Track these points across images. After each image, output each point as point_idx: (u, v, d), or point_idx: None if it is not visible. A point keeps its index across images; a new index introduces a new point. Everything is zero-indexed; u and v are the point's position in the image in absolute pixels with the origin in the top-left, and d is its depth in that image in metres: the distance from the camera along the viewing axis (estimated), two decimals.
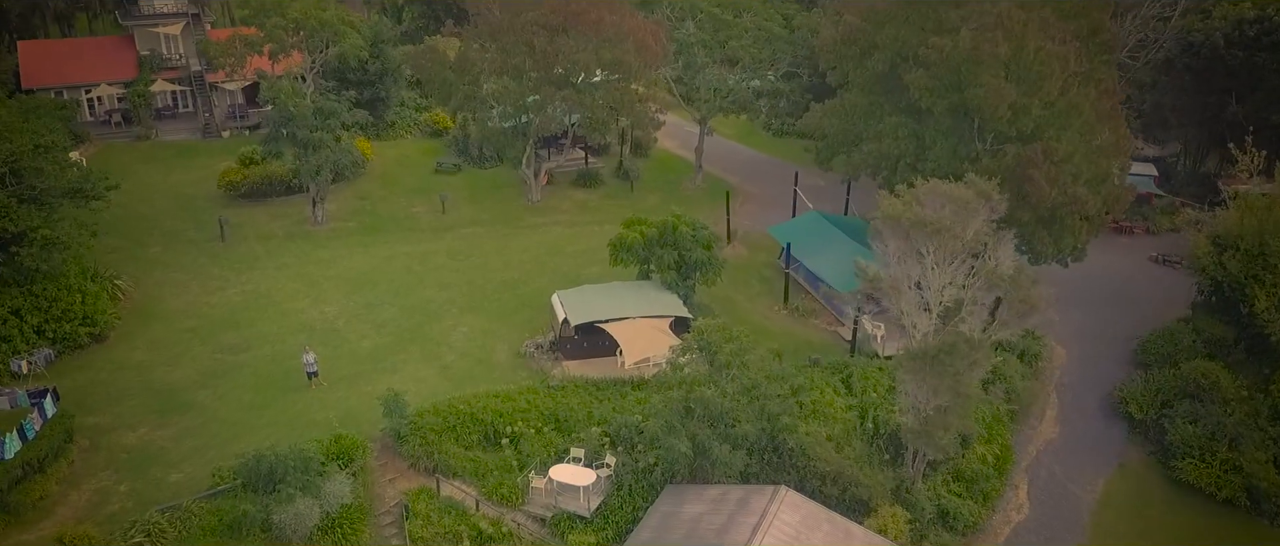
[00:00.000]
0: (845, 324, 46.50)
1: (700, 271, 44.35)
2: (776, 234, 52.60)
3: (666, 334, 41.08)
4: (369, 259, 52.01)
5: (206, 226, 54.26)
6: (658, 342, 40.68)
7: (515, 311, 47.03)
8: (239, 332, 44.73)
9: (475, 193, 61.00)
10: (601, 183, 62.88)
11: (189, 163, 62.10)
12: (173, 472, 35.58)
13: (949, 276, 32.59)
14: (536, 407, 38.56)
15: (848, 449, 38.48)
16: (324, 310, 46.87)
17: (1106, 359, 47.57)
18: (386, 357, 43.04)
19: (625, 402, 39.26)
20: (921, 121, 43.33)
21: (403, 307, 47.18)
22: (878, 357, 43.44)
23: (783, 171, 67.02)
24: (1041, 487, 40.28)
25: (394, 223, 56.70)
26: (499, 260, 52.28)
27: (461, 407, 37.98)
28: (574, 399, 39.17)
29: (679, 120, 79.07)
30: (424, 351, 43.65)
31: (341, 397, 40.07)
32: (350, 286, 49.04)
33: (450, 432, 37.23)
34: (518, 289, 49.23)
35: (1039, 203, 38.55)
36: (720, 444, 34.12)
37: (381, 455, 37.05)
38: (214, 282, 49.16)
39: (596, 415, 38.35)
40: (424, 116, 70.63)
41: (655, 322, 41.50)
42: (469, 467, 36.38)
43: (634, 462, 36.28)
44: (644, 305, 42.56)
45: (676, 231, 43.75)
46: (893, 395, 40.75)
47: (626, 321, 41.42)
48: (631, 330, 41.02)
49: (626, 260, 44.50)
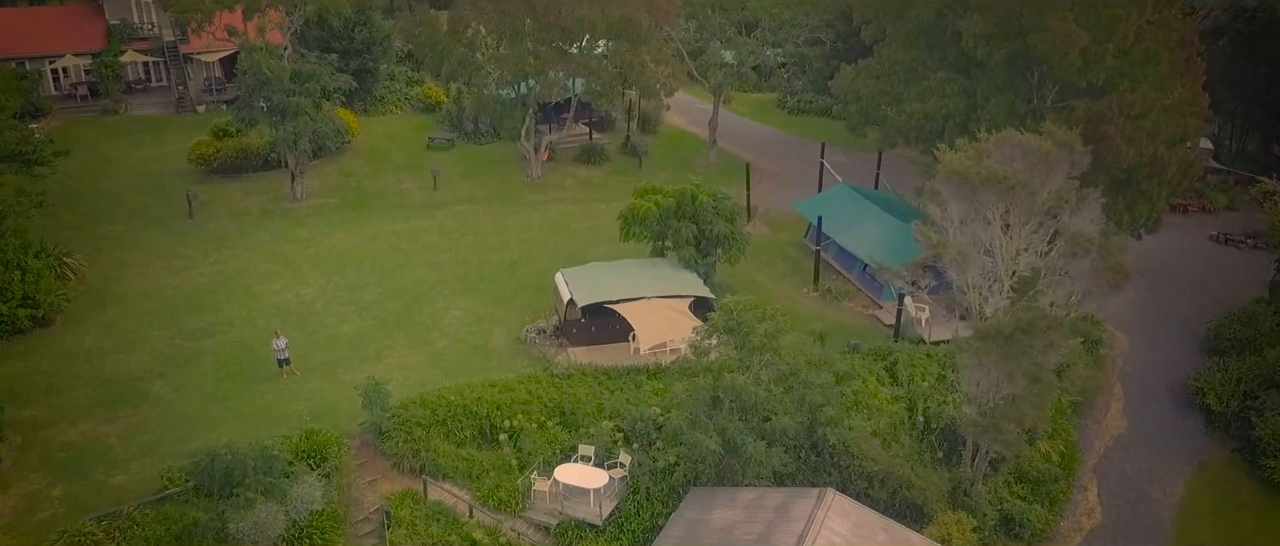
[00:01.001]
0: (884, 306, 41.61)
1: (722, 247, 39.44)
2: (803, 209, 47.72)
3: (686, 315, 36.17)
4: (352, 237, 47.10)
5: (173, 203, 49.30)
6: (676, 325, 35.77)
7: (514, 293, 42.14)
8: (203, 316, 39.79)
9: (470, 169, 56.10)
10: (607, 159, 57.99)
11: (159, 138, 57.11)
12: (117, 474, 30.62)
13: (1024, 241, 27.70)
14: (539, 399, 33.68)
15: (896, 445, 33.67)
16: (300, 292, 41.94)
17: (1172, 345, 42.70)
18: (369, 343, 38.13)
19: (640, 393, 34.39)
20: (972, 76, 38.45)
21: (388, 289, 42.27)
22: (924, 343, 38.53)
23: (802, 149, 62.37)
24: (1114, 489, 35.39)
25: (381, 199, 51.80)
26: (496, 239, 47.38)
27: (453, 399, 33.07)
28: (581, 389, 34.29)
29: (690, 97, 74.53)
30: (412, 337, 38.75)
31: (316, 388, 35.14)
32: (330, 266, 44.12)
33: (440, 427, 32.33)
34: (517, 269, 44.34)
35: (1115, 163, 33.74)
36: (754, 439, 29.24)
37: (361, 453, 32.13)
38: (178, 262, 44.21)
39: (607, 407, 33.49)
40: (416, 91, 65.74)
41: (673, 303, 36.58)
42: (461, 468, 31.49)
43: (652, 462, 31.42)
44: (660, 284, 37.66)
45: (696, 201, 38.83)
46: (944, 384, 35.90)
47: (640, 302, 36.49)
48: (646, 311, 36.10)
49: (639, 234, 39.59)
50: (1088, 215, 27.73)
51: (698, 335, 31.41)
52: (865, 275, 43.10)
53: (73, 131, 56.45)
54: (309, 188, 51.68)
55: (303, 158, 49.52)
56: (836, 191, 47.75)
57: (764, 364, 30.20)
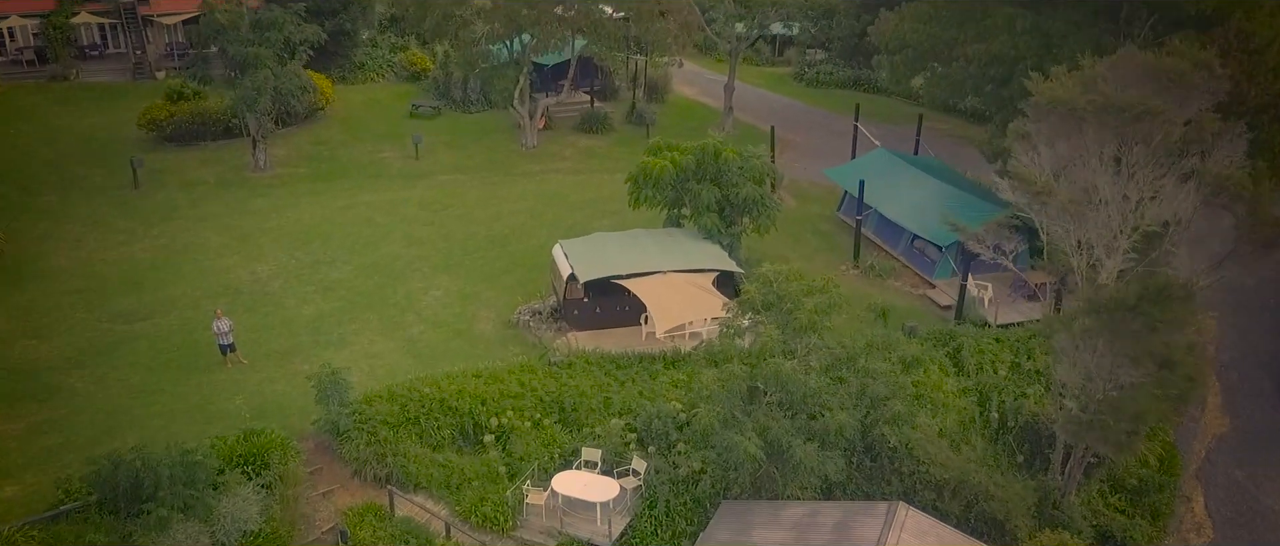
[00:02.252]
0: (937, 284, 35.67)
1: (750, 214, 33.47)
2: (837, 177, 41.78)
3: (710, 292, 30.24)
4: (320, 209, 41.12)
5: (118, 173, 43.29)
6: (698, 304, 29.85)
7: (505, 271, 36.21)
8: (140, 297, 33.82)
9: (458, 137, 50.14)
10: (611, 128, 52.02)
11: (111, 105, 50.99)
12: (8, 484, 24.63)
13: (1149, 187, 21.76)
14: (533, 392, 27.77)
15: (966, 447, 27.80)
16: (256, 269, 35.97)
17: (1273, 330, 36.77)
18: (333, 327, 32.20)
19: (656, 385, 28.46)
20: (1043, 11, 32.50)
21: (359, 266, 36.33)
22: (990, 326, 32.57)
23: (826, 120, 56.52)
24: (1222, 499, 29.46)
25: (356, 169, 45.83)
26: (485, 211, 41.43)
27: (428, 392, 27.12)
28: (585, 380, 28.37)
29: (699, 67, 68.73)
30: (384, 320, 32.82)
31: (266, 379, 29.24)
32: (293, 241, 38.15)
33: (411, 426, 26.40)
34: (508, 245, 38.39)
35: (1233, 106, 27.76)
36: (801, 440, 23.31)
37: (314, 458, 26.22)
38: (117, 236, 38.23)
39: (616, 402, 27.60)
40: (400, 57, 59.75)
41: (694, 279, 30.64)
42: (437, 476, 25.58)
43: (672, 468, 25.54)
44: (677, 256, 31.73)
45: (719, 159, 32.88)
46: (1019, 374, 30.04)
47: (655, 277, 30.57)
48: (662, 288, 30.17)
49: (652, 199, 33.63)
50: (1229, 155, 21.84)
51: (729, 313, 25.46)
52: (912, 249, 37.17)
53: (14, 98, 50.55)
54: (275, 156, 45.75)
55: (265, 121, 43.58)
56: (875, 157, 41.81)
57: (812, 348, 24.26)
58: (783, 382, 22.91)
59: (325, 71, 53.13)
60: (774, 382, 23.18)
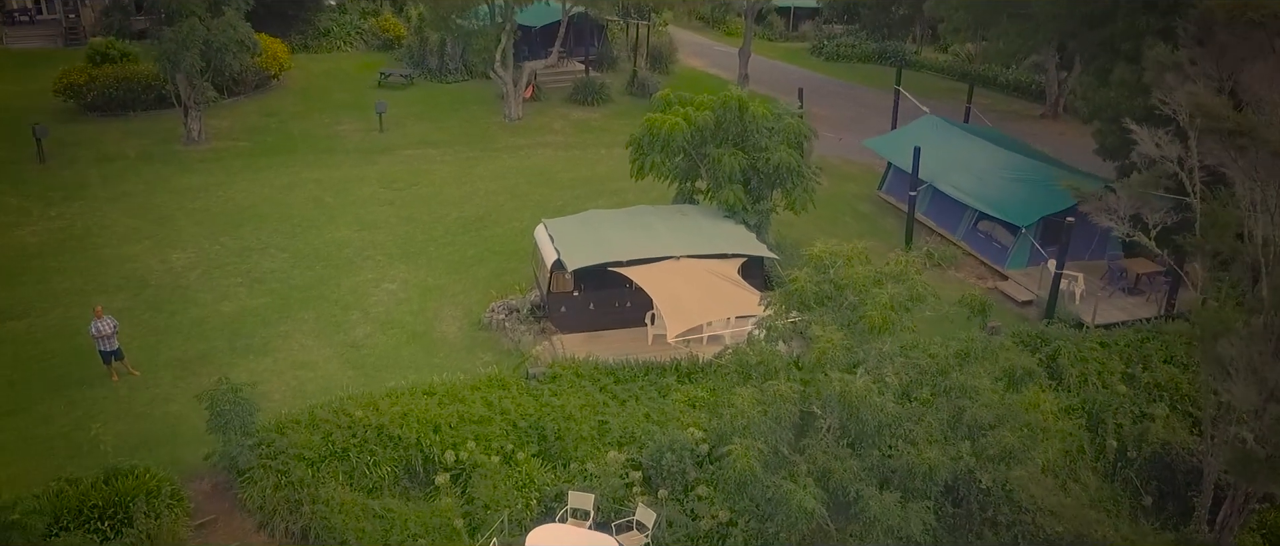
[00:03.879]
0: (1010, 275, 28.92)
1: (783, 187, 26.72)
2: (881, 148, 35.03)
3: (737, 285, 23.46)
4: (259, 188, 34.30)
5: (23, 144, 36.40)
6: (721, 299, 23.08)
7: (477, 261, 29.46)
8: (15, 290, 26.99)
9: (432, 109, 43.37)
10: (608, 99, 45.25)
11: (31, 73, 44.05)
12: None
13: None
14: (505, 415, 20.96)
15: (1076, 485, 21.08)
16: (169, 257, 29.16)
17: None
18: (257, 329, 25.43)
19: (668, 405, 21.64)
20: None
21: (297, 254, 29.55)
22: (1088, 327, 25.78)
23: (851, 92, 50.06)
24: None
25: (308, 143, 39.01)
26: (457, 190, 34.66)
27: (361, 414, 20.29)
28: (573, 399, 21.54)
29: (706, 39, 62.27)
30: (321, 319, 26.06)
31: (159, 396, 22.45)
32: (220, 224, 31.34)
33: (339, 462, 19.58)
34: (483, 229, 31.64)
35: None
36: (876, 488, 16.56)
37: (209, 505, 19.44)
38: (5, 217, 31.38)
39: (614, 429, 20.82)
40: (370, 23, 52.95)
41: (714, 266, 23.87)
42: (372, 531, 18.77)
43: (690, 520, 18.82)
44: (693, 238, 24.98)
45: (744, 115, 26.10)
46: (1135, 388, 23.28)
47: (665, 264, 23.80)
48: (674, 279, 23.39)
49: (660, 168, 26.83)
50: None
51: (768, 307, 18.68)
52: (976, 233, 30.41)
53: None
54: (213, 128, 38.93)
55: (201, 86, 36.73)
56: (925, 125, 35.02)
57: (886, 357, 17.47)
58: (851, 407, 16.10)
59: (284, 37, 46.43)
60: (839, 407, 16.38)
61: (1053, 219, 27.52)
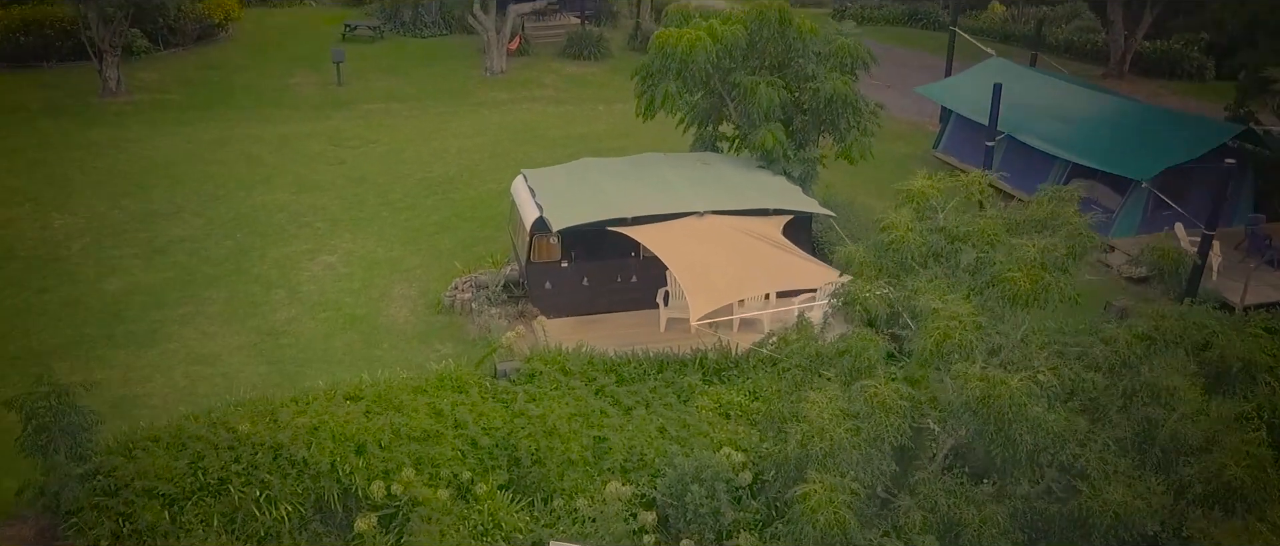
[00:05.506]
0: (1115, 245, 22.78)
1: (835, 128, 20.62)
2: (938, 95, 28.97)
3: (784, 250, 17.29)
4: (181, 144, 28.22)
5: None
6: (764, 268, 16.91)
7: (441, 228, 23.40)
8: None
9: (401, 62, 37.32)
10: (607, 54, 39.11)
11: None
12: None
13: None
14: (462, 428, 14.75)
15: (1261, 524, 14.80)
16: (52, 222, 23.10)
17: None
18: (146, 311, 19.40)
19: (693, 415, 15.43)
20: None
21: (215, 220, 23.48)
22: (1239, 310, 19.62)
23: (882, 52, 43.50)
24: None
25: (250, 96, 32.95)
26: (423, 148, 28.58)
27: (249, 429, 14.11)
28: (558, 405, 15.27)
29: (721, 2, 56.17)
30: (235, 300, 20.01)
31: None
32: (124, 185, 25.28)
33: (211, 498, 13.41)
34: (452, 191, 25.57)
35: None
36: None
37: None
38: None
39: (616, 448, 14.60)
40: None
41: (752, 226, 17.67)
42: None
43: None
44: (719, 191, 18.86)
45: (787, 31, 19.92)
46: None
47: (685, 223, 17.63)
48: (698, 242, 17.21)
49: (674, 102, 20.54)
50: None
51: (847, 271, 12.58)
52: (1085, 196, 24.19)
53: None
54: (143, 80, 32.99)
55: (118, 25, 30.71)
56: (990, 69, 28.81)
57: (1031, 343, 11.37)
58: (999, 420, 9.97)
59: None
60: (973, 421, 10.26)
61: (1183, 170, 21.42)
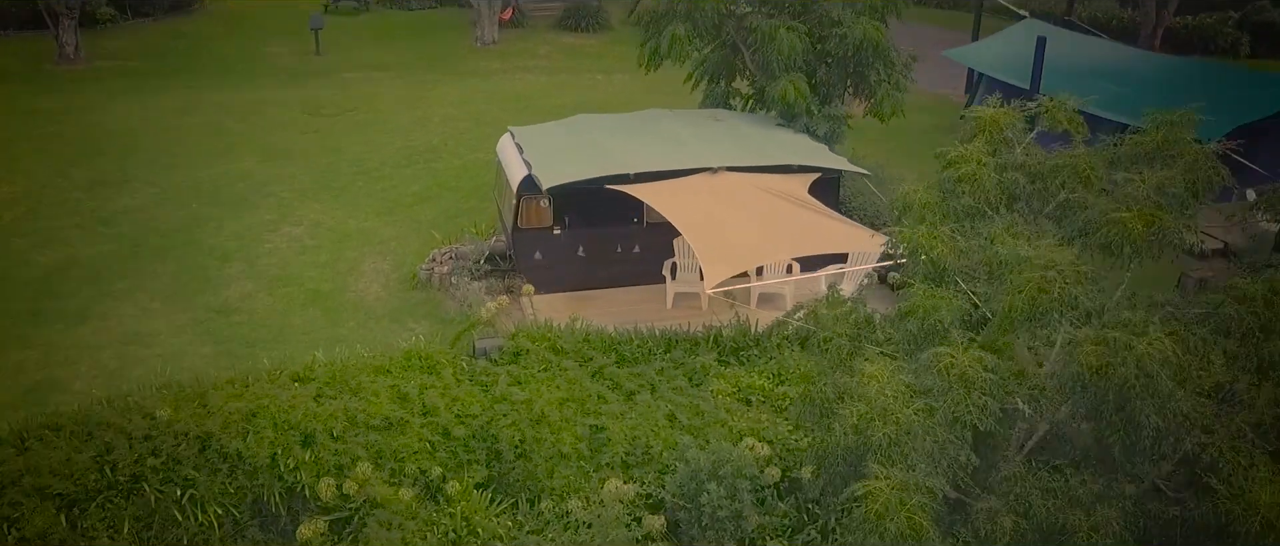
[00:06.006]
0: None
1: (864, 81, 18.26)
2: (970, 59, 26.54)
3: (814, 211, 14.84)
4: (140, 111, 25.85)
5: None
6: (792, 231, 14.44)
7: (422, 199, 21.01)
8: None
9: (387, 33, 35.01)
10: (606, 26, 36.68)
11: None
12: None
13: None
14: (433, 416, 12.30)
15: None
16: None
17: None
18: (81, 286, 17.05)
19: (707, 400, 12.98)
20: None
21: (169, 189, 21.10)
22: None
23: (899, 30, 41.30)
24: None
25: (220, 65, 30.61)
26: (405, 116, 26.18)
27: (170, 415, 11.66)
28: (547, 390, 12.83)
29: None
30: (185, 273, 17.65)
31: None
32: (73, 153, 22.91)
33: (122, 499, 10.97)
34: (434, 160, 23.19)
35: None
36: None
37: None
38: None
39: (615, 440, 12.17)
40: None
41: (773, 184, 15.22)
42: None
43: None
44: (735, 146, 16.46)
45: None
46: None
47: (696, 181, 15.18)
48: (713, 201, 14.77)
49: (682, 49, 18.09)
50: None
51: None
52: None
53: None
54: (106, 48, 30.79)
55: None
56: (1025, 30, 26.36)
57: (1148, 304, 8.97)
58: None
59: None
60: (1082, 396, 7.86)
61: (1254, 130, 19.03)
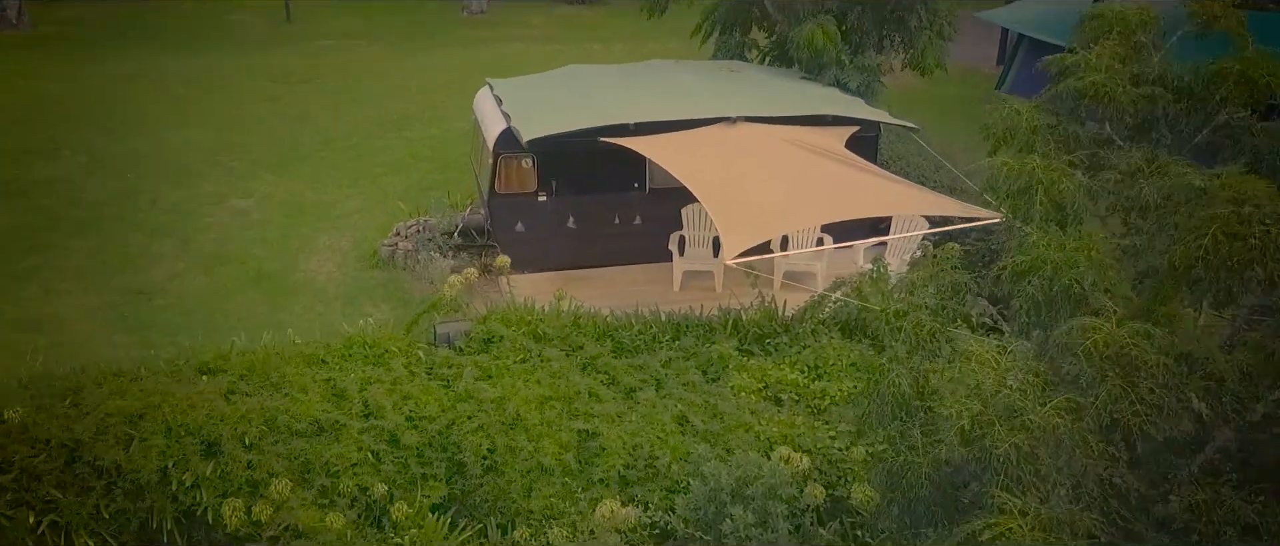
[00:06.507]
0: None
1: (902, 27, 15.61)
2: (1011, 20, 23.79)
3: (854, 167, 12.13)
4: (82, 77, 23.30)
5: None
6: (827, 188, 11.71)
7: (393, 170, 18.38)
8: None
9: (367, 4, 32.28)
10: None
11: None
12: None
13: None
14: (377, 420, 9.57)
15: None
16: None
17: None
18: None
19: (725, 400, 10.26)
20: None
21: (101, 158, 18.49)
22: None
23: None
24: None
25: (179, 32, 28.07)
26: (379, 84, 23.57)
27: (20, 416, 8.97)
28: (524, 387, 10.10)
29: None
30: (105, 250, 15.03)
31: None
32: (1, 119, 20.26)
33: None
34: (408, 128, 20.58)
35: None
36: None
37: None
38: None
39: (612, 449, 9.44)
40: None
41: (804, 137, 12.51)
42: None
43: None
44: (756, 96, 13.78)
45: None
46: None
47: (710, 133, 12.47)
48: (731, 157, 12.06)
49: None
50: None
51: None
52: None
53: None
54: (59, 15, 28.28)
55: None
56: None
57: None
58: None
59: None
60: None
61: None
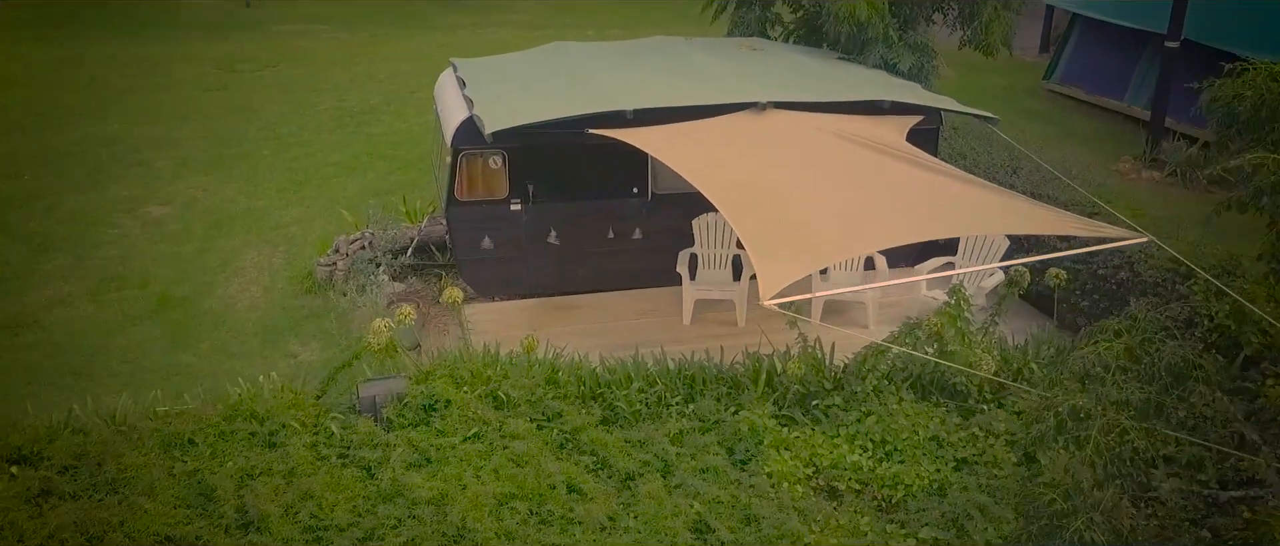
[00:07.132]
0: None
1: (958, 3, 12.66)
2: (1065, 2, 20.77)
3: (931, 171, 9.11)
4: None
5: None
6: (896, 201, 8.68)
7: (346, 169, 15.39)
8: None
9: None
10: None
11: None
12: None
13: None
14: (267, 537, 6.61)
15: None
16: None
17: None
18: None
19: (760, 488, 7.24)
20: None
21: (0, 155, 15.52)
22: None
23: None
24: None
25: (123, 16, 25.06)
26: (341, 73, 20.61)
27: None
28: (473, 477, 7.14)
29: None
30: None
31: None
32: None
33: None
34: (369, 122, 17.60)
35: None
36: None
37: None
38: None
39: None
40: None
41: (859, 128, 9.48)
42: None
43: None
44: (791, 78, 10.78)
45: None
46: None
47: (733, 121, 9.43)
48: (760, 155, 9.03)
49: None
50: None
51: None
52: None
53: None
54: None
55: None
56: None
57: None
58: None
59: None
60: None
61: None
